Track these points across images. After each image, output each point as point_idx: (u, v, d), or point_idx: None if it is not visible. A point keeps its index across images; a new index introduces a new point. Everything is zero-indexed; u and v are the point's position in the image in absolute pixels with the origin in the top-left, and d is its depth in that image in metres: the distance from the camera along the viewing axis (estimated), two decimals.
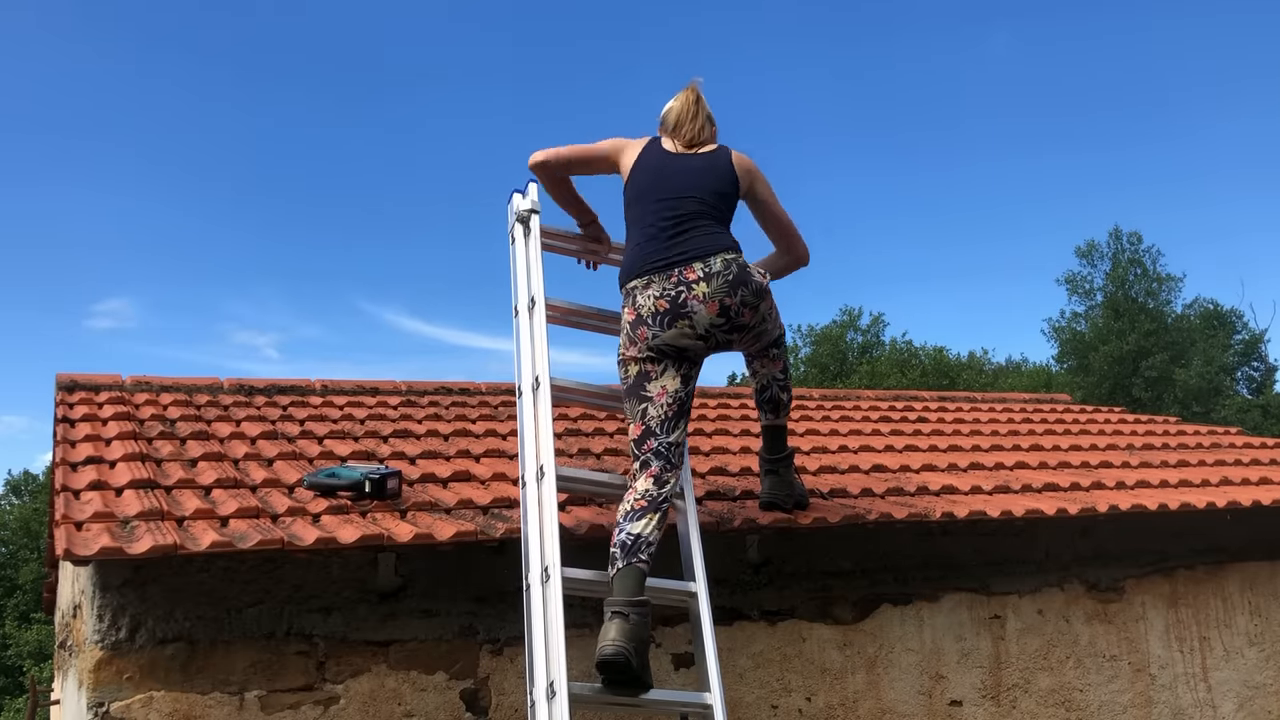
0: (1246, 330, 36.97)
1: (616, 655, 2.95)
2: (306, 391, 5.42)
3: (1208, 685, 5.02)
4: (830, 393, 7.37)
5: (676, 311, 3.37)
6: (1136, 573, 4.93)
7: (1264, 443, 6.77)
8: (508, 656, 3.69)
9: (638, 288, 3.43)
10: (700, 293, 3.37)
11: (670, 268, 3.40)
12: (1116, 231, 38.20)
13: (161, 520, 3.31)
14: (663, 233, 3.46)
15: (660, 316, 3.38)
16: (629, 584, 3.08)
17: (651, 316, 3.38)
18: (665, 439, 3.37)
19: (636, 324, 3.42)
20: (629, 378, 3.44)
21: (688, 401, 3.47)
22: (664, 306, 3.38)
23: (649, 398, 3.40)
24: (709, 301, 3.37)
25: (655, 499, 3.27)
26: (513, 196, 3.84)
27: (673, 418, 3.40)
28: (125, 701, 3.21)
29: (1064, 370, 37.19)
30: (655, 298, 3.39)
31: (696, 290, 3.37)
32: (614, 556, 3.16)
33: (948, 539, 4.48)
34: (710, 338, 3.42)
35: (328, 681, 3.45)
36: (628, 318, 3.46)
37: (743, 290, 3.42)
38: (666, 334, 3.38)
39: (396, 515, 3.56)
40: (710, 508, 3.87)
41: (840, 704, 4.18)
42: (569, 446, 4.64)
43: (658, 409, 3.39)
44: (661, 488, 3.31)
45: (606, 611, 3.05)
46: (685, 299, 3.36)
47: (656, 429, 3.37)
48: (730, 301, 3.40)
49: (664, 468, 3.34)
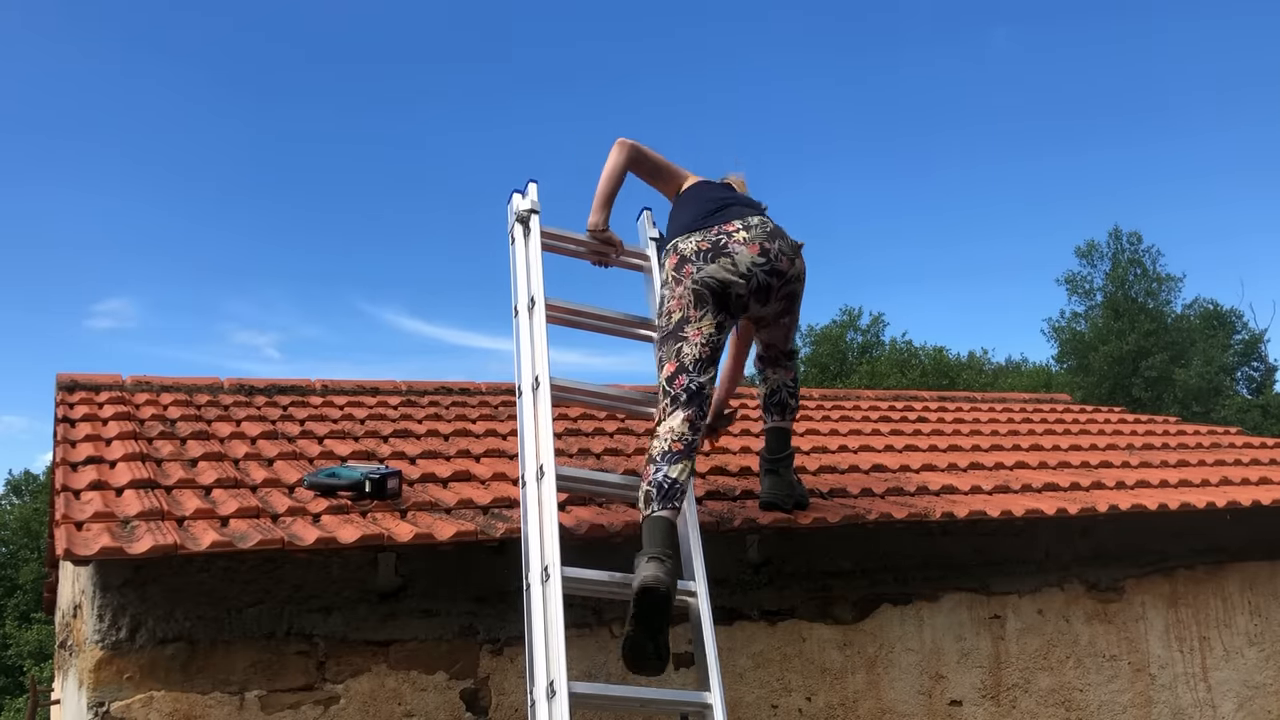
0: (1246, 330, 36.97)
1: (658, 584, 3.06)
2: (307, 391, 5.42)
3: (1208, 685, 5.02)
4: (830, 393, 7.37)
5: (718, 249, 3.61)
6: (1136, 573, 4.93)
7: (1264, 443, 6.77)
8: (508, 656, 3.69)
9: (679, 240, 3.70)
10: (741, 238, 3.63)
11: (711, 225, 3.69)
12: (1116, 231, 38.21)
13: (162, 520, 3.31)
14: (703, 211, 3.77)
15: (703, 254, 3.61)
16: (664, 534, 3.22)
17: (695, 254, 3.61)
18: (698, 378, 3.50)
19: (681, 264, 3.63)
20: (670, 324, 3.60)
21: (719, 351, 3.62)
22: (705, 246, 3.62)
23: (685, 338, 3.55)
24: (749, 244, 3.62)
25: (689, 444, 3.38)
26: (512, 196, 3.84)
27: (706, 359, 3.55)
28: (125, 701, 3.21)
29: (1064, 370, 37.18)
30: (698, 241, 3.64)
31: (737, 236, 3.64)
32: (649, 496, 3.26)
33: (948, 539, 4.48)
34: (751, 278, 3.59)
35: (328, 681, 3.45)
36: (671, 263, 3.67)
37: (780, 240, 3.67)
38: (709, 267, 3.58)
39: (396, 515, 3.56)
40: (710, 508, 3.87)
41: (840, 704, 4.18)
42: (569, 446, 4.64)
43: (693, 348, 3.53)
44: (694, 434, 3.42)
45: (642, 559, 3.14)
46: (726, 242, 3.62)
47: (690, 366, 3.51)
48: (769, 246, 3.63)
49: (696, 414, 3.45)
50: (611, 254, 3.94)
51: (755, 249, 3.60)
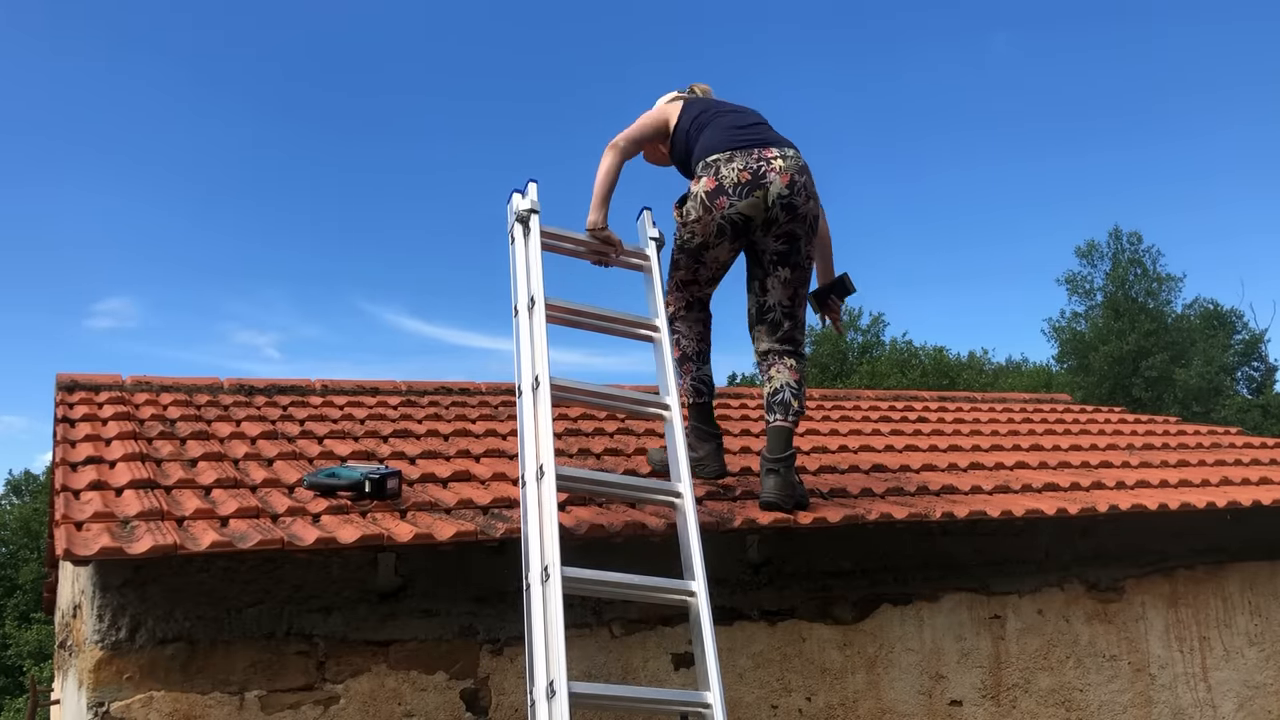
0: (1246, 330, 36.98)
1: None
2: (306, 391, 5.42)
3: (1208, 685, 5.02)
4: (830, 393, 7.37)
5: (756, 182, 3.81)
6: (1136, 573, 4.93)
7: (1264, 443, 6.77)
8: (508, 656, 3.68)
9: (720, 160, 3.85)
10: (778, 166, 3.83)
11: (753, 147, 3.87)
12: (1116, 231, 38.23)
13: (161, 520, 3.30)
14: (739, 121, 3.97)
15: (741, 187, 3.80)
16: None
17: (733, 187, 3.81)
18: (706, 290, 4.09)
19: (716, 193, 3.82)
20: (690, 244, 3.95)
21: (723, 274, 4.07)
22: (746, 178, 3.81)
23: (703, 261, 3.98)
24: (783, 173, 3.82)
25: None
26: (512, 196, 3.84)
27: (714, 279, 4.06)
28: (125, 701, 3.21)
29: (1064, 370, 37.18)
30: (739, 169, 3.82)
31: (774, 164, 3.83)
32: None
33: (948, 539, 4.48)
34: (772, 209, 3.82)
35: (328, 681, 3.45)
36: (706, 186, 3.84)
37: (806, 176, 3.89)
38: (742, 204, 3.81)
39: (396, 515, 3.56)
40: (710, 508, 3.87)
41: (840, 704, 4.18)
42: (569, 446, 4.64)
43: (709, 270, 4.02)
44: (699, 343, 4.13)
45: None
46: (765, 171, 3.81)
47: (704, 280, 4.05)
48: (799, 180, 3.84)
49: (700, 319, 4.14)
50: (611, 254, 3.94)
51: (786, 179, 3.81)
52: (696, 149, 3.94)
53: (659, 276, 3.98)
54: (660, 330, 3.84)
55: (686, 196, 3.95)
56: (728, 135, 3.90)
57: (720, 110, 4.03)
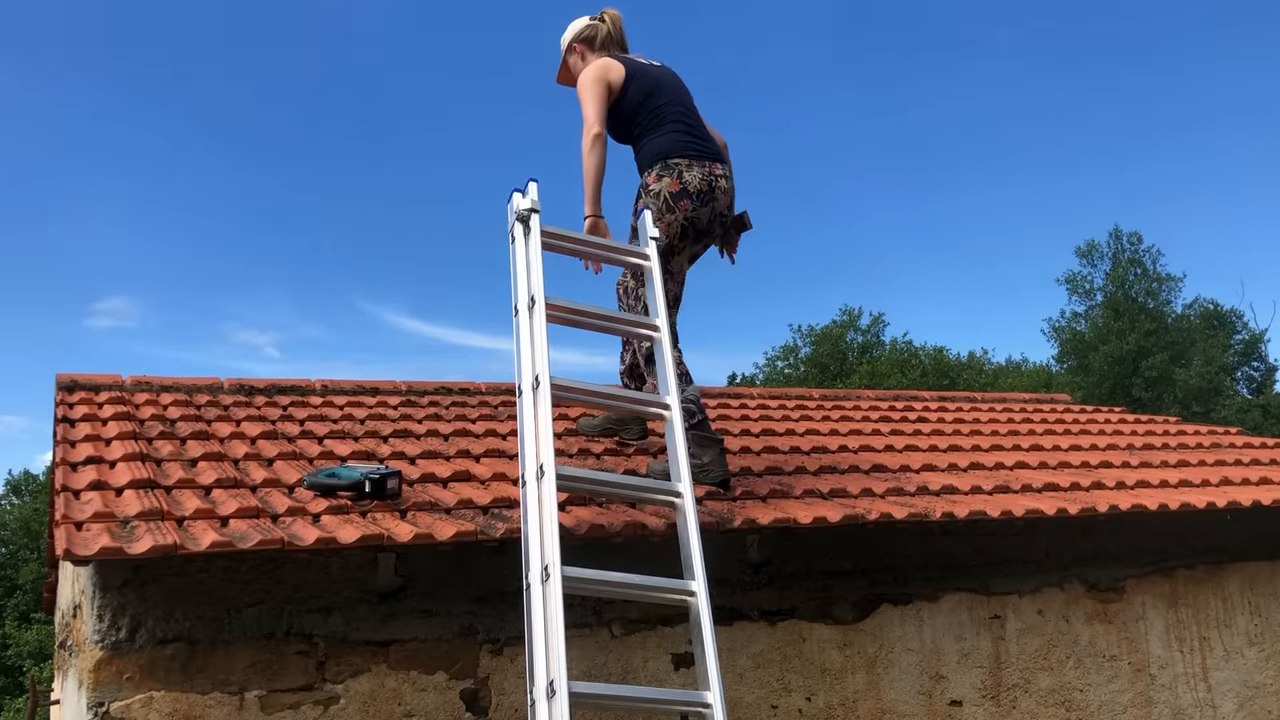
0: (1246, 330, 37.01)
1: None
2: (306, 391, 5.42)
3: (1208, 685, 5.02)
4: (830, 392, 7.36)
5: (710, 193, 4.07)
6: (1136, 573, 4.93)
7: (1264, 443, 6.76)
8: (508, 656, 3.68)
9: (683, 165, 4.06)
10: (723, 186, 4.10)
11: (705, 159, 4.11)
12: (1116, 231, 38.25)
13: (161, 520, 3.30)
14: (693, 128, 4.17)
15: (701, 195, 4.05)
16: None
17: (696, 194, 4.04)
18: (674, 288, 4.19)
19: (680, 195, 4.03)
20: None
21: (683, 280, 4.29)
22: (704, 188, 4.06)
23: (671, 272, 4.10)
24: (725, 194, 4.11)
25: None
26: (513, 195, 3.83)
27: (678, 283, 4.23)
28: (125, 701, 3.21)
29: (1064, 370, 37.20)
30: (700, 179, 4.05)
31: (720, 184, 4.10)
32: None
33: (948, 539, 4.48)
34: (713, 224, 4.11)
35: (328, 681, 3.45)
36: (670, 188, 4.02)
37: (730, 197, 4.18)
38: (701, 210, 4.06)
39: (396, 515, 3.56)
40: (710, 508, 3.87)
41: (840, 704, 4.18)
42: (569, 446, 4.63)
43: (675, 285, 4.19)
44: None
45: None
46: (714, 187, 4.07)
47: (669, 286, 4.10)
48: (731, 202, 4.16)
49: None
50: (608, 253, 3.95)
51: (727, 200, 4.11)
52: (654, 142, 4.12)
53: (659, 276, 3.98)
54: (660, 330, 3.83)
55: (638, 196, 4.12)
56: (686, 142, 4.12)
57: (661, 89, 4.18)
